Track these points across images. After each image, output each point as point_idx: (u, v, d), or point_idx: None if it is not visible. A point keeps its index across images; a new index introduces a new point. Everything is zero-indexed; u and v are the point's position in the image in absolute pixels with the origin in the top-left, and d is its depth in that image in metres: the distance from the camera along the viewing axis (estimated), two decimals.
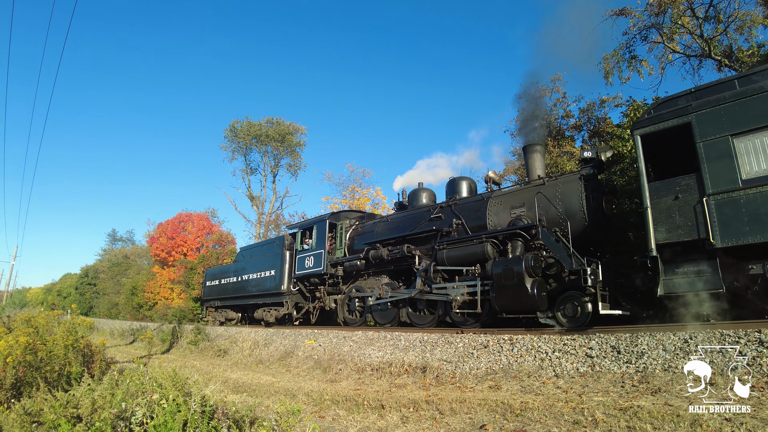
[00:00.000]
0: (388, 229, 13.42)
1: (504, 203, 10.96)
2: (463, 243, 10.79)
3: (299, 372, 9.99)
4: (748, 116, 7.12)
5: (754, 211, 6.81)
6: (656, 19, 16.74)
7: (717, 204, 7.19)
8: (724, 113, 7.38)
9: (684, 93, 8.11)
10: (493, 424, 5.19)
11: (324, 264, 14.58)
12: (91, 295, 52.17)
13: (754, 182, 6.90)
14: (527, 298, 8.84)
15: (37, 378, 5.92)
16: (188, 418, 3.37)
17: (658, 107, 8.42)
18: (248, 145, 38.69)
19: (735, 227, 6.95)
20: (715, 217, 7.14)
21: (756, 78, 7.36)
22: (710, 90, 7.80)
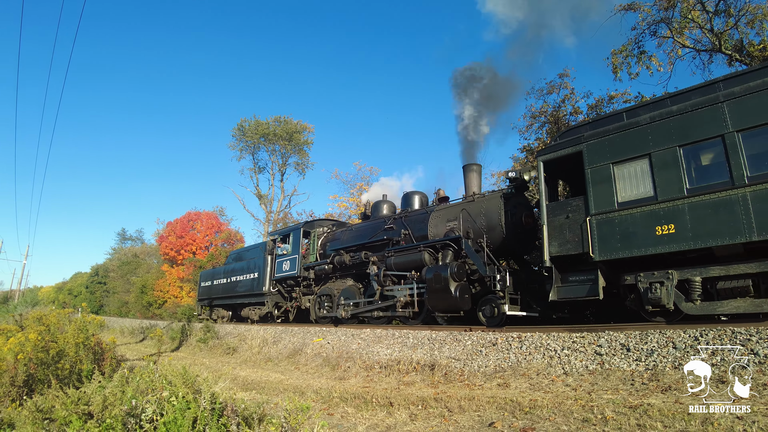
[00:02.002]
0: (351, 237, 14.88)
1: (441, 217, 12.21)
2: (407, 251, 12.27)
3: (308, 369, 10.02)
4: (626, 147, 8.19)
5: (625, 230, 7.94)
6: (665, 13, 16.56)
7: (597, 223, 8.29)
8: (608, 143, 8.44)
9: (583, 123, 9.31)
10: (502, 421, 5.17)
11: (298, 268, 16.11)
12: (101, 293, 52.68)
13: (626, 205, 8.00)
14: (452, 300, 10.29)
15: (48, 375, 5.97)
16: (198, 415, 3.39)
17: (561, 136, 9.54)
18: (256, 143, 38.80)
19: (610, 243, 8.06)
20: (596, 235, 8.25)
21: (640, 111, 8.30)
22: (603, 121, 8.85)
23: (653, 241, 7.60)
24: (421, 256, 11.71)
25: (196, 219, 43.02)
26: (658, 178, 7.76)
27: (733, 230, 6.85)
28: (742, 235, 6.76)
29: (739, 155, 6.98)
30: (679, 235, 7.38)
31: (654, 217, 7.68)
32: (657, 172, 7.79)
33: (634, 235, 7.81)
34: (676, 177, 7.57)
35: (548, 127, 19.69)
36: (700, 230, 7.18)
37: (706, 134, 7.37)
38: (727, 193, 7.01)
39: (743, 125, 7.02)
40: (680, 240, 7.35)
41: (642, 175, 7.99)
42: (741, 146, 7.00)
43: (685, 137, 7.58)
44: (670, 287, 7.59)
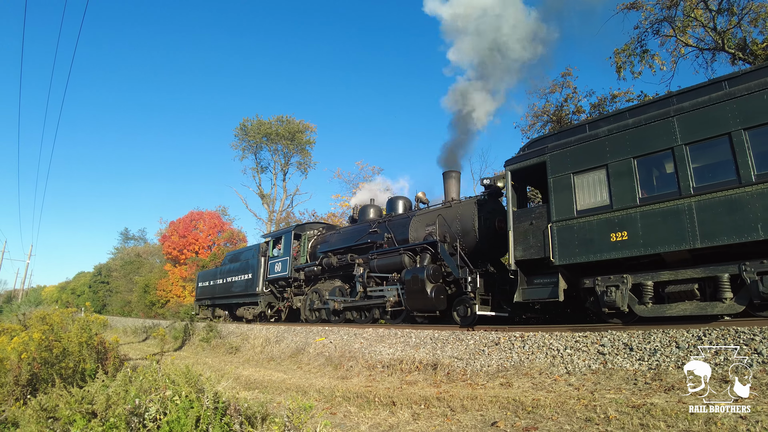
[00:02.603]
0: (339, 240, 15.42)
1: (421, 221, 12.73)
2: (389, 254, 12.94)
3: (310, 369, 10.03)
4: (585, 158, 8.62)
5: (582, 236, 8.37)
6: (668, 12, 16.54)
7: (558, 229, 8.72)
8: (569, 154, 8.88)
9: (549, 134, 9.76)
10: (505, 421, 5.17)
11: (289, 269, 16.75)
12: (104, 293, 52.78)
13: (584, 213, 8.44)
14: (428, 300, 10.93)
15: (52, 374, 5.99)
16: (201, 414, 3.40)
17: (528, 146, 10.02)
18: (258, 143, 38.85)
19: (569, 249, 8.48)
20: (556, 240, 8.67)
21: (601, 124, 8.69)
22: (567, 133, 9.30)
23: (608, 247, 8.02)
24: (401, 259, 12.38)
25: (198, 218, 43.09)
26: (614, 187, 8.17)
27: (680, 238, 7.25)
28: (687, 242, 7.17)
29: (686, 167, 7.40)
30: (631, 241, 7.78)
31: (609, 225, 8.09)
32: (613, 182, 8.20)
33: (591, 242, 8.24)
34: (630, 187, 7.97)
35: (551, 126, 19.67)
36: (651, 237, 7.59)
37: (657, 147, 7.79)
38: (675, 202, 7.41)
39: (691, 138, 7.44)
40: (632, 246, 7.76)
41: (599, 185, 8.42)
42: (688, 158, 7.42)
43: (639, 149, 8.00)
44: (625, 291, 7.97)
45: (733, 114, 7.12)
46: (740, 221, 6.77)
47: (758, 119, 6.83)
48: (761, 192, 6.64)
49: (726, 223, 6.88)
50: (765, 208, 6.56)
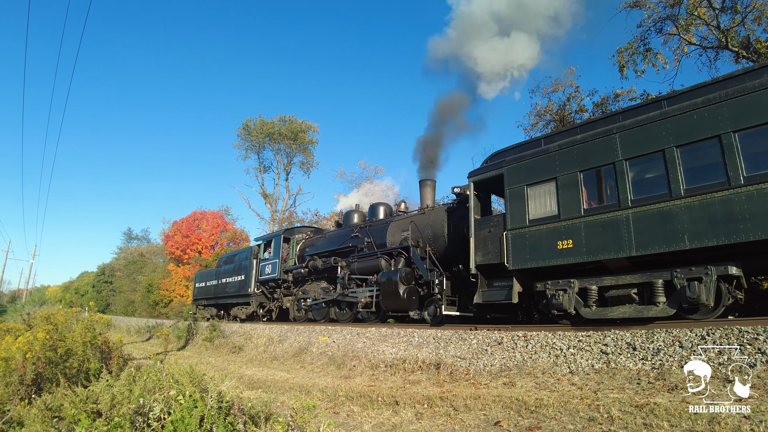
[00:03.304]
0: (325, 244, 16.24)
1: (398, 226, 13.43)
2: (368, 257, 13.68)
3: (313, 368, 10.04)
4: (538, 171, 9.21)
5: (533, 244, 8.98)
6: (671, 10, 16.48)
7: (512, 237, 9.33)
8: (524, 167, 9.49)
9: (509, 148, 10.27)
10: (508, 420, 5.17)
11: (279, 271, 17.55)
12: (107, 292, 52.92)
13: (535, 222, 9.04)
14: (401, 301, 11.74)
15: (57, 374, 6.02)
16: (205, 413, 3.41)
17: (490, 159, 10.60)
18: (261, 143, 38.88)
19: (521, 255, 9.12)
20: (510, 247, 9.30)
21: (556, 138, 9.23)
22: (524, 147, 9.90)
23: (555, 254, 8.61)
24: (378, 262, 13.15)
25: (201, 218, 43.13)
26: (562, 199, 8.72)
27: (618, 246, 7.81)
28: (624, 251, 7.73)
29: (625, 181, 7.93)
30: (575, 249, 8.37)
31: (557, 233, 8.68)
32: (561, 194, 8.75)
33: (541, 248, 8.84)
34: (576, 198, 8.53)
35: (553, 126, 19.63)
36: (593, 246, 8.16)
37: (601, 161, 8.33)
38: (615, 213, 7.96)
39: (630, 154, 7.98)
40: (576, 254, 8.35)
41: (549, 196, 9.00)
42: (627, 173, 7.96)
43: (585, 163, 8.56)
44: (572, 294, 8.50)
45: (667, 132, 7.60)
46: (670, 232, 7.29)
47: (688, 137, 7.36)
48: (689, 205, 7.16)
49: (658, 233, 7.42)
50: (692, 220, 7.08)
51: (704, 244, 6.93)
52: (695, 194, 7.14)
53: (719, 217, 6.85)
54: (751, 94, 6.89)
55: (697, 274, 7.12)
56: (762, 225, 6.44)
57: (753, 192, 6.58)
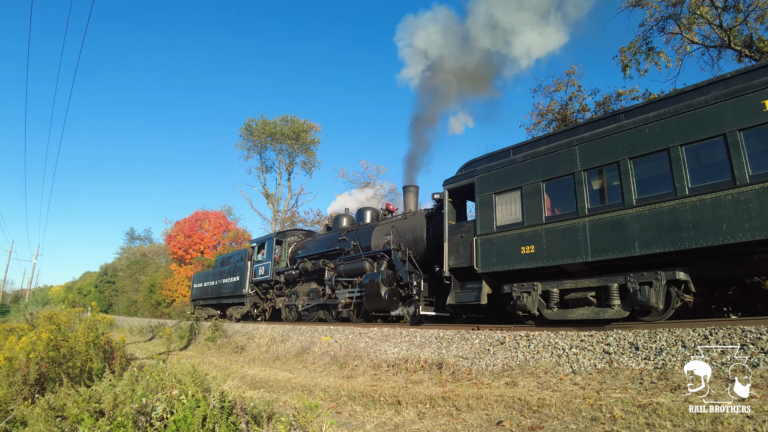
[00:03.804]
0: (314, 246, 16.82)
1: (382, 231, 13.95)
2: (353, 260, 14.20)
3: (315, 368, 10.05)
4: (505, 180, 9.78)
5: (499, 249, 9.56)
6: (674, 9, 16.44)
7: (481, 242, 9.90)
8: (492, 176, 10.06)
9: (482, 157, 10.83)
10: (510, 420, 5.17)
11: (271, 272, 18.29)
12: (110, 292, 53.01)
13: (502, 228, 9.61)
14: (382, 301, 12.35)
15: (60, 374, 6.03)
16: (207, 413, 3.41)
17: (464, 167, 11.27)
18: (263, 143, 38.91)
19: (489, 259, 9.70)
20: (479, 251, 9.86)
21: (523, 149, 9.81)
22: (494, 156, 10.48)
23: (519, 258, 9.17)
24: (363, 265, 13.67)
25: (204, 218, 43.17)
26: (526, 206, 9.27)
27: (576, 252, 8.31)
28: (581, 256, 8.23)
29: (584, 190, 8.42)
30: (537, 254, 8.91)
31: (521, 239, 9.23)
32: (525, 202, 9.30)
33: (507, 253, 9.41)
34: (539, 206, 9.06)
35: (556, 125, 19.60)
36: (553, 251, 8.68)
37: (562, 172, 8.81)
38: (573, 221, 8.47)
39: (588, 165, 8.46)
40: (538, 259, 8.88)
41: (515, 204, 9.54)
42: (586, 182, 8.44)
43: (547, 174, 9.08)
44: (535, 296, 9.04)
45: (622, 145, 8.06)
46: (623, 239, 7.76)
47: (641, 149, 7.81)
48: (639, 214, 7.62)
49: (612, 240, 7.90)
50: (642, 228, 7.54)
51: (652, 251, 7.41)
52: (645, 204, 7.60)
53: (666, 226, 7.31)
54: (698, 109, 7.30)
55: (648, 278, 7.60)
56: (704, 233, 6.89)
57: (696, 202, 7.04)
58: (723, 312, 9.10)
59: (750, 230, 6.50)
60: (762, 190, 6.48)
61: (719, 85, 7.42)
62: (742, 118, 6.84)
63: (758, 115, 6.71)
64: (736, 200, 6.70)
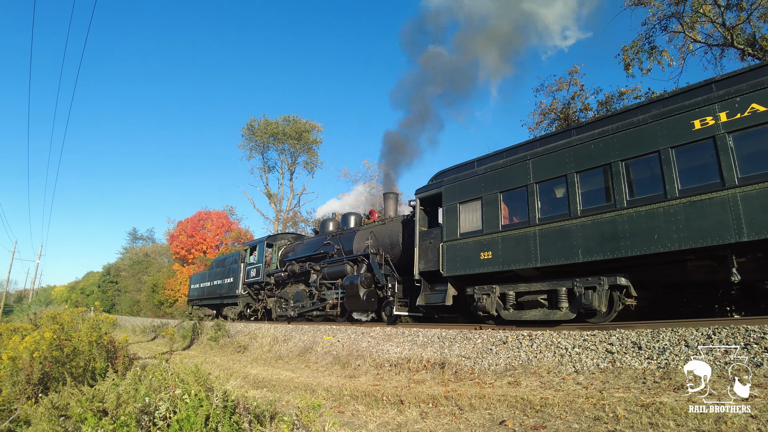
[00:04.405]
0: (302, 250, 17.54)
1: (363, 235, 14.55)
2: (336, 263, 15.01)
3: (318, 367, 10.06)
4: (468, 190, 10.42)
5: (463, 254, 10.17)
6: (676, 8, 16.38)
7: (447, 248, 10.58)
8: (458, 187, 10.71)
9: (450, 168, 11.51)
10: (513, 419, 5.16)
11: (262, 274, 19.07)
12: (113, 292, 53.15)
13: (465, 235, 10.24)
14: (361, 302, 13.07)
15: (64, 373, 6.04)
16: (210, 412, 3.42)
17: (435, 177, 11.96)
18: (265, 143, 38.95)
19: (453, 263, 10.36)
20: (445, 256, 10.55)
21: (486, 161, 10.42)
22: (460, 168, 11.14)
23: (479, 263, 9.79)
24: (344, 268, 14.47)
25: (206, 218, 43.25)
26: (485, 215, 9.91)
27: (527, 258, 8.93)
28: (532, 262, 8.86)
29: (535, 201, 9.05)
30: (494, 260, 9.53)
31: (480, 245, 9.84)
32: (485, 211, 9.94)
33: (468, 258, 10.02)
34: (496, 215, 9.70)
35: (558, 124, 19.57)
36: (508, 257, 9.31)
37: (517, 184, 9.45)
38: (525, 230, 9.08)
39: (540, 178, 9.06)
40: (495, 264, 9.50)
41: (476, 213, 10.16)
42: (537, 194, 9.07)
43: (504, 185, 9.72)
44: (494, 298, 9.69)
45: (569, 159, 8.64)
46: (568, 247, 8.35)
47: (586, 164, 8.39)
48: (583, 224, 8.22)
49: (558, 248, 8.50)
50: (585, 237, 8.12)
51: (594, 258, 7.98)
52: (589, 215, 8.20)
53: (607, 235, 7.87)
54: (636, 128, 7.84)
55: (592, 283, 8.17)
56: (639, 243, 7.43)
57: (633, 214, 7.61)
58: (726, 312, 9.10)
59: (678, 240, 7.05)
60: (689, 203, 7.05)
61: (659, 104, 7.92)
62: (674, 136, 7.37)
63: (688, 134, 7.25)
64: (667, 212, 7.26)
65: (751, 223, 6.44)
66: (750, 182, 6.56)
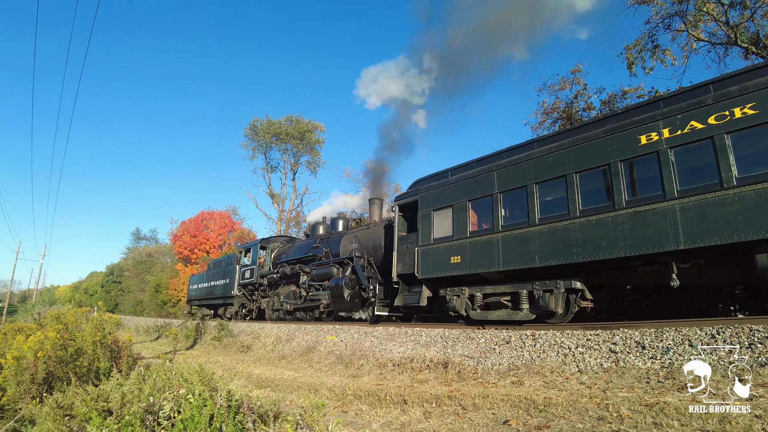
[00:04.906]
0: (293, 252, 18.22)
1: (349, 239, 15.19)
2: (323, 266, 15.72)
3: (321, 367, 10.06)
4: (441, 198, 11.14)
5: (436, 258, 10.87)
6: (679, 6, 16.32)
7: (421, 252, 11.32)
8: (432, 195, 11.45)
9: (426, 177, 12.22)
10: (517, 419, 5.16)
11: (256, 276, 19.77)
12: (116, 292, 53.26)
13: (438, 240, 10.95)
14: (346, 303, 13.75)
15: (68, 373, 6.07)
16: (214, 412, 3.43)
17: (412, 186, 12.74)
18: (268, 143, 39.00)
19: (427, 266, 11.07)
20: (420, 260, 11.27)
21: (461, 170, 11.02)
22: (436, 176, 11.84)
23: (450, 267, 10.47)
24: (331, 270, 15.15)
25: (209, 218, 43.30)
26: (455, 222, 10.59)
27: (491, 262, 9.57)
28: (495, 266, 9.51)
29: (499, 209, 9.71)
30: (463, 263, 10.18)
31: (451, 250, 10.52)
32: (455, 218, 10.62)
33: (440, 262, 10.70)
34: (465, 222, 10.36)
35: (561, 124, 19.52)
36: (475, 261, 9.93)
37: (483, 193, 10.12)
38: (490, 236, 9.72)
39: (503, 188, 9.73)
40: (463, 267, 10.15)
41: (447, 219, 10.81)
42: (501, 203, 9.73)
43: (472, 194, 10.37)
44: (463, 299, 10.36)
45: (530, 171, 9.28)
46: (527, 252, 8.99)
47: (545, 175, 9.01)
48: (540, 231, 8.84)
49: (518, 253, 9.14)
50: (542, 243, 8.76)
51: (549, 263, 8.58)
52: (546, 223, 8.79)
53: (561, 242, 8.47)
54: (589, 142, 8.43)
55: (549, 286, 8.76)
56: (590, 249, 8.04)
57: (584, 222, 8.22)
58: (730, 311, 9.08)
59: (624, 248, 7.64)
60: (634, 213, 7.62)
61: (612, 120, 8.45)
62: (623, 150, 7.97)
63: (635, 148, 7.82)
64: (614, 221, 7.85)
65: (687, 233, 7.01)
66: (687, 194, 7.12)
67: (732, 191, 6.71)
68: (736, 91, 6.97)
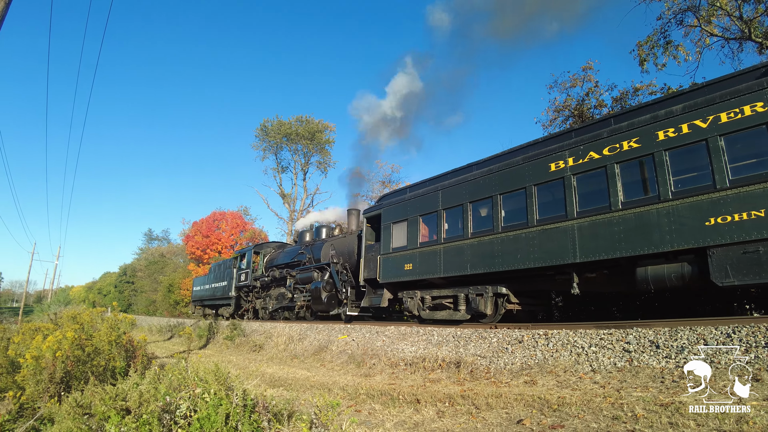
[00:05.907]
0: (283, 257, 19.83)
1: (329, 246, 16.59)
2: (306, 270, 17.34)
3: (333, 366, 10.10)
4: (399, 213, 12.65)
5: (394, 265, 12.42)
6: (692, 1, 16.13)
7: (383, 259, 12.84)
8: (392, 209, 12.98)
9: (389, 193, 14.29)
10: (531, 419, 5.14)
11: (250, 279, 21.56)
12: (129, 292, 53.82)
13: (396, 249, 12.51)
14: (323, 304, 15.53)
15: (86, 372, 6.15)
16: (230, 411, 3.46)
17: (379, 200, 14.49)
18: (279, 143, 39.16)
19: (387, 272, 12.65)
20: (381, 266, 12.86)
21: (416, 188, 12.72)
22: (398, 192, 13.87)
23: (404, 273, 12.04)
24: (312, 274, 16.79)
25: (221, 219, 43.59)
26: (409, 234, 12.14)
27: (435, 269, 11.09)
28: (438, 272, 10.99)
29: (442, 224, 11.18)
30: (414, 270, 11.73)
31: (405, 258, 12.07)
32: (409, 230, 12.18)
33: (397, 268, 12.26)
34: (416, 234, 11.90)
35: (572, 121, 19.37)
36: (423, 268, 11.48)
37: (430, 209, 11.60)
38: (434, 247, 11.24)
39: (446, 205, 11.15)
40: (415, 273, 11.69)
41: (403, 232, 12.35)
42: (444, 218, 11.19)
43: (422, 210, 11.88)
44: (416, 301, 11.95)
45: (466, 191, 10.69)
46: (461, 262, 10.43)
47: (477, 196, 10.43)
48: (472, 243, 10.26)
49: (456, 262, 10.56)
50: (473, 254, 10.18)
51: (477, 271, 10.00)
52: (476, 236, 10.18)
53: (487, 253, 9.89)
54: (512, 168, 9.74)
55: (480, 291, 10.16)
56: (508, 260, 9.41)
57: (505, 237, 9.60)
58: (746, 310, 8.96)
59: (534, 259, 8.97)
60: (543, 230, 8.93)
61: (532, 148, 9.76)
62: (536, 175, 9.26)
63: (546, 174, 9.08)
64: (528, 237, 9.18)
65: (583, 248, 8.26)
66: (584, 215, 8.36)
67: (618, 213, 7.91)
68: (625, 126, 8.05)
